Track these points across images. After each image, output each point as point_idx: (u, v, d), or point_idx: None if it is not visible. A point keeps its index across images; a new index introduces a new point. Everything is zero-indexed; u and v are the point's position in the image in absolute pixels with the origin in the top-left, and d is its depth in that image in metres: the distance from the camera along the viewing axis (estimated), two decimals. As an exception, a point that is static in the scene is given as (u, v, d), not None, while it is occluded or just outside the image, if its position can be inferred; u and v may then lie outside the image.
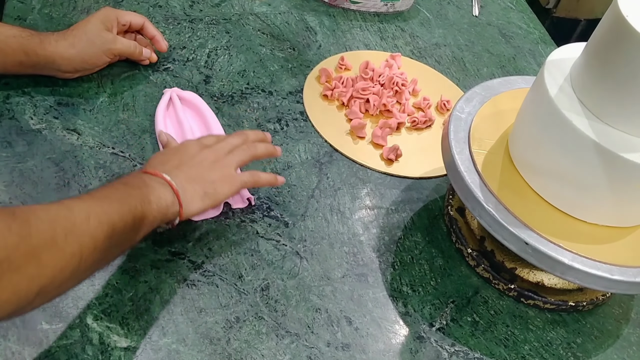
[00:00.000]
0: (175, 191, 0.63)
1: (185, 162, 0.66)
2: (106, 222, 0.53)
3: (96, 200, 0.55)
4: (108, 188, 0.59)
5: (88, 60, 0.80)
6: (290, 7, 1.08)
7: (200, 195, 0.65)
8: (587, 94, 0.63)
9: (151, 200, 0.60)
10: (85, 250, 0.51)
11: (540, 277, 0.73)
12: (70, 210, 0.52)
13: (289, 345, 0.64)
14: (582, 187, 0.64)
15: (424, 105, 0.95)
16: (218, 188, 0.66)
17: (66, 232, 0.49)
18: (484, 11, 1.22)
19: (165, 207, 0.61)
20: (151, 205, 0.59)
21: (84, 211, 0.52)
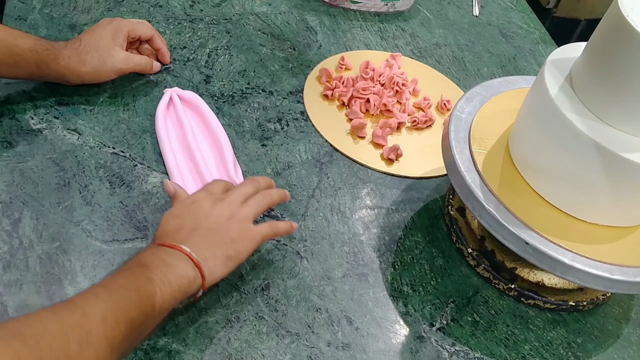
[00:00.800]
0: (197, 264, 0.58)
1: (201, 223, 0.62)
2: (123, 319, 0.50)
3: (112, 296, 0.51)
4: (124, 274, 0.55)
5: (97, 77, 0.81)
6: (291, 7, 1.08)
7: (222, 260, 0.61)
8: (588, 94, 0.63)
9: (172, 281, 0.56)
10: (101, 355, 0.47)
11: (540, 277, 0.74)
12: (85, 315, 0.48)
13: (289, 345, 0.64)
14: (582, 187, 0.65)
15: (425, 105, 0.95)
16: (239, 248, 0.62)
17: (80, 342, 0.46)
18: (484, 11, 1.22)
19: (187, 285, 0.57)
20: (172, 287, 0.56)
21: (100, 313, 0.49)
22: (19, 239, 0.66)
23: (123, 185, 0.74)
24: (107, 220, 0.70)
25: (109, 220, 0.70)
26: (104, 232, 0.69)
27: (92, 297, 0.50)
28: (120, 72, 0.82)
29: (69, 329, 0.46)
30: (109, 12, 0.96)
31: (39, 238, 0.67)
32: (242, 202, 0.66)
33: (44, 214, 0.69)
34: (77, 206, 0.71)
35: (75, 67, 0.78)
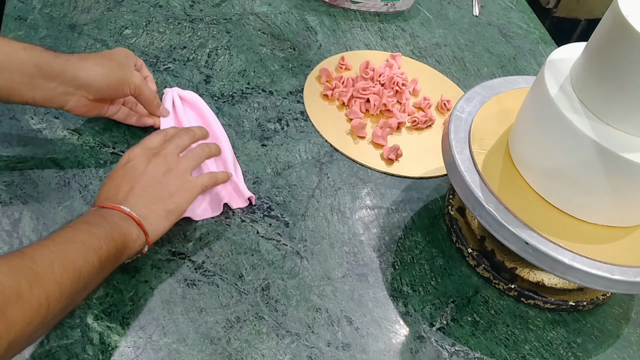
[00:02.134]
0: (138, 222, 0.60)
1: (138, 182, 0.63)
2: (71, 267, 0.52)
3: (59, 246, 0.53)
4: (70, 230, 0.56)
5: (111, 85, 0.70)
6: (291, 7, 1.08)
7: (163, 215, 0.63)
8: (587, 94, 0.63)
9: (115, 238, 0.58)
10: (51, 298, 0.49)
11: (540, 277, 0.74)
12: (33, 260, 0.50)
13: (289, 345, 0.64)
14: (582, 187, 0.65)
15: (425, 105, 0.95)
16: (178, 200, 0.64)
17: (30, 282, 0.48)
18: (484, 11, 1.22)
19: (132, 241, 0.60)
20: (116, 243, 0.57)
21: (47, 259, 0.51)
22: (19, 239, 0.66)
23: (123, 185, 0.74)
24: (107, 220, 0.70)
25: (109, 220, 0.70)
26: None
27: (39, 247, 0.52)
28: (133, 85, 0.72)
29: (18, 270, 0.48)
30: (109, 12, 0.96)
31: (39, 238, 0.67)
32: (177, 154, 0.66)
33: (44, 214, 0.69)
34: (77, 206, 0.71)
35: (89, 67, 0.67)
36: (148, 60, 0.90)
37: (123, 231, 0.59)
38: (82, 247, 0.54)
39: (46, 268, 0.50)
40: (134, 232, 0.60)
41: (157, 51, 0.92)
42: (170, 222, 0.64)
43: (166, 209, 0.63)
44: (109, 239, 0.57)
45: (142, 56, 0.91)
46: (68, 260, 0.52)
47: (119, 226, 0.59)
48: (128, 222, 0.60)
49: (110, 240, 0.57)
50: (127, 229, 0.59)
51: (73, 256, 0.53)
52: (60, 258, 0.52)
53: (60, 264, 0.51)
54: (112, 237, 0.57)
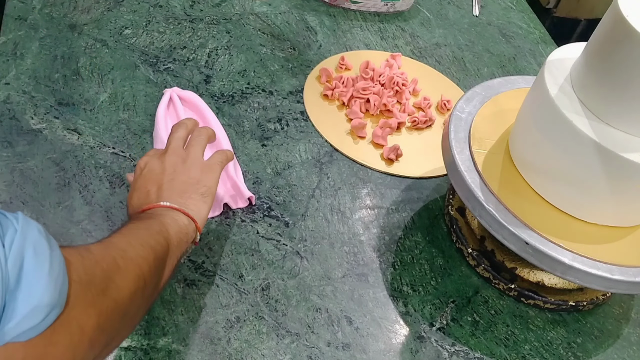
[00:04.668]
0: (182, 211, 0.60)
1: (162, 179, 0.63)
2: (147, 246, 0.53)
3: (125, 234, 0.54)
4: (127, 226, 0.56)
5: None
6: (291, 7, 1.08)
7: (199, 199, 0.63)
8: (587, 94, 0.63)
9: (169, 223, 0.58)
10: (145, 271, 0.51)
11: (540, 277, 0.74)
12: (113, 243, 0.51)
13: (289, 345, 0.64)
14: (582, 187, 0.65)
15: (425, 105, 0.95)
16: (207, 182, 0.65)
17: (122, 257, 0.49)
18: (484, 11, 1.22)
19: (185, 227, 0.60)
20: (172, 227, 0.58)
21: (124, 240, 0.52)
22: (19, 239, 0.66)
23: (123, 185, 0.74)
24: (107, 220, 0.70)
25: (109, 220, 0.70)
26: (104, 232, 0.69)
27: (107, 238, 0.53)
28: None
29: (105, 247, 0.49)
30: (109, 12, 0.96)
31: (39, 238, 0.67)
32: (182, 146, 0.67)
33: (44, 214, 0.69)
34: (77, 206, 0.71)
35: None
36: (148, 60, 0.90)
37: (174, 217, 0.59)
38: (146, 232, 0.55)
39: (127, 246, 0.51)
40: (183, 219, 0.60)
41: (157, 51, 0.92)
42: (208, 204, 0.64)
43: (199, 192, 0.63)
44: (165, 225, 0.57)
45: (142, 56, 0.91)
46: (142, 240, 0.53)
47: (167, 217, 0.59)
48: (173, 212, 0.60)
49: (168, 226, 0.57)
50: (175, 216, 0.60)
51: (144, 238, 0.54)
52: (134, 240, 0.53)
53: (137, 243, 0.52)
54: (167, 224, 0.58)
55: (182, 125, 0.70)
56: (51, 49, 0.88)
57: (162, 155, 0.66)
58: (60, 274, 0.39)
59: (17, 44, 0.87)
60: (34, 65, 0.85)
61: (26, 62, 0.85)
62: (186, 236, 0.60)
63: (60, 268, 0.39)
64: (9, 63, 0.84)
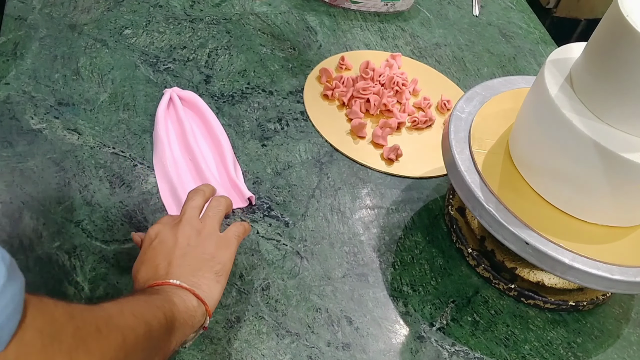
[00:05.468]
0: (192, 291, 0.56)
1: (173, 254, 0.58)
2: (140, 317, 0.49)
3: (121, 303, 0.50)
4: (127, 296, 0.53)
5: None
6: (291, 6, 1.08)
7: (213, 279, 0.58)
8: (587, 94, 0.63)
9: (175, 302, 0.54)
10: (128, 342, 0.46)
11: (540, 277, 0.74)
12: (102, 307, 0.47)
13: (289, 345, 0.64)
14: (582, 187, 0.65)
15: (425, 105, 0.95)
16: (221, 259, 0.60)
17: (106, 322, 0.45)
18: (484, 11, 1.22)
19: (192, 309, 0.55)
20: (177, 306, 0.53)
21: (115, 307, 0.48)
22: (19, 239, 0.66)
23: (123, 185, 0.74)
24: (107, 220, 0.70)
25: (109, 220, 0.70)
26: (104, 232, 0.69)
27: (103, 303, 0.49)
28: None
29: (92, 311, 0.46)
30: (109, 12, 0.96)
31: (39, 238, 0.67)
32: (198, 216, 0.63)
33: (44, 214, 0.69)
34: (77, 206, 0.71)
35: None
36: (148, 60, 0.91)
37: (182, 297, 0.55)
38: (145, 305, 0.51)
39: (117, 313, 0.47)
40: (192, 301, 0.55)
41: (157, 51, 0.92)
42: (222, 284, 0.59)
43: (213, 271, 0.59)
44: (170, 302, 0.53)
45: (142, 56, 0.91)
46: (136, 310, 0.49)
47: (174, 295, 0.54)
48: (182, 292, 0.55)
49: (171, 303, 0.53)
50: (184, 296, 0.55)
51: (140, 309, 0.50)
52: (128, 308, 0.49)
53: (129, 312, 0.48)
54: (172, 301, 0.53)
55: (199, 192, 0.65)
56: (51, 49, 0.88)
57: (176, 226, 0.61)
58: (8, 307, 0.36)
59: (17, 44, 0.87)
60: (34, 65, 0.85)
61: (26, 62, 0.85)
62: (192, 319, 0.55)
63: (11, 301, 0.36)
64: (9, 63, 0.84)
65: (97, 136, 0.79)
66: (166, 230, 0.60)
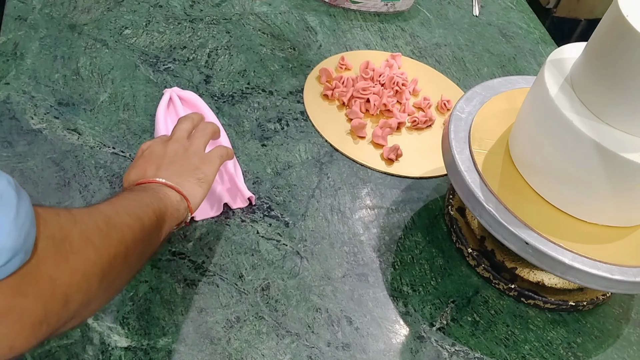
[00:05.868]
0: (175, 188, 0.62)
1: (162, 160, 0.65)
2: (134, 216, 0.53)
3: (114, 204, 0.55)
4: (118, 196, 0.57)
5: None
6: (291, 7, 1.08)
7: (195, 183, 0.64)
8: (587, 94, 0.63)
9: (161, 198, 0.60)
10: (127, 238, 0.51)
11: (540, 277, 0.74)
12: (98, 209, 0.52)
13: (289, 345, 0.64)
14: (582, 187, 0.65)
15: (425, 105, 0.95)
16: (205, 170, 0.66)
17: (105, 222, 0.49)
18: (484, 11, 1.22)
19: (176, 203, 0.61)
20: (163, 202, 0.59)
21: (110, 208, 0.53)
22: (19, 239, 0.66)
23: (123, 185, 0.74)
24: (107, 220, 0.70)
25: (109, 220, 0.70)
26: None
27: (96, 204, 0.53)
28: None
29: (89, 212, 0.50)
30: (109, 12, 0.96)
31: (39, 238, 0.67)
32: (186, 137, 0.69)
33: (44, 214, 0.69)
34: (77, 206, 0.71)
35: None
36: (148, 60, 0.90)
37: (166, 193, 0.61)
38: (135, 203, 0.56)
39: (113, 214, 0.51)
40: (175, 196, 0.61)
41: (157, 51, 0.92)
42: (203, 190, 0.65)
43: (196, 177, 0.65)
44: (155, 198, 0.59)
45: (142, 56, 0.91)
46: (130, 210, 0.54)
47: (160, 192, 0.60)
48: (166, 189, 0.62)
49: (157, 199, 0.59)
50: (168, 192, 0.61)
51: (132, 208, 0.54)
52: (122, 208, 0.53)
53: (123, 212, 0.53)
54: (158, 197, 0.59)
55: (189, 118, 0.72)
56: (51, 49, 0.88)
57: (166, 142, 0.68)
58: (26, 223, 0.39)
59: (17, 44, 0.87)
60: (34, 65, 0.85)
61: (26, 62, 0.85)
62: (177, 212, 0.61)
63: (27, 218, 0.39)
64: (9, 63, 0.84)
65: (97, 136, 0.79)
66: (157, 144, 0.68)
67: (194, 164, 0.66)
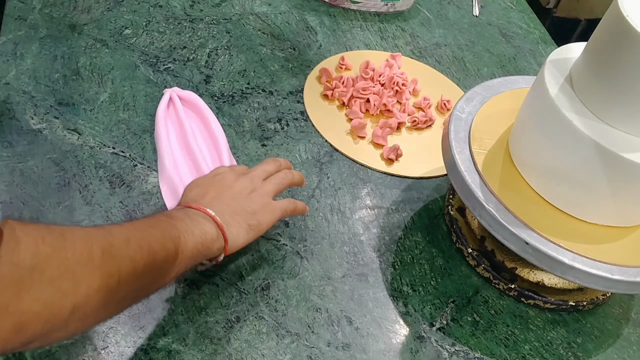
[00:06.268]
0: (220, 226, 0.60)
1: (224, 193, 0.64)
2: (147, 248, 0.51)
3: (137, 228, 0.53)
4: (150, 218, 0.57)
5: None
6: (291, 7, 1.08)
7: (244, 228, 0.62)
8: (587, 94, 0.63)
9: (195, 233, 0.57)
10: (123, 273, 0.48)
11: (540, 277, 0.74)
12: (109, 232, 0.49)
13: (289, 345, 0.64)
14: (582, 187, 0.65)
15: (425, 105, 0.95)
16: (260, 219, 0.64)
17: (103, 251, 0.47)
18: (484, 11, 1.22)
19: (210, 241, 0.59)
20: (195, 238, 0.57)
21: (124, 235, 0.50)
22: (19, 239, 0.66)
23: (123, 185, 0.74)
24: (107, 220, 0.70)
25: (108, 220, 0.70)
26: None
27: (117, 225, 0.53)
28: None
29: (93, 237, 0.47)
30: (109, 12, 0.96)
31: (39, 238, 0.67)
32: (263, 178, 0.68)
33: (44, 214, 0.69)
34: (77, 206, 0.71)
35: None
36: (148, 60, 0.91)
37: (204, 229, 0.59)
38: (160, 233, 0.54)
39: (121, 242, 0.49)
40: (214, 233, 0.59)
41: (157, 51, 0.92)
42: (249, 237, 0.63)
43: (248, 222, 0.63)
44: (189, 233, 0.57)
45: (142, 56, 0.91)
46: (145, 242, 0.51)
47: (201, 224, 0.59)
48: (210, 223, 0.60)
49: (190, 235, 0.57)
50: (208, 229, 0.59)
51: (150, 239, 0.52)
52: (137, 238, 0.51)
53: (136, 242, 0.50)
54: (192, 232, 0.57)
55: (276, 162, 0.71)
56: (51, 49, 0.88)
57: (240, 175, 0.67)
58: None
59: (17, 44, 0.87)
60: (34, 65, 0.85)
61: (26, 62, 0.85)
62: (208, 250, 0.59)
63: None
64: (9, 63, 0.84)
65: (97, 136, 0.79)
66: (231, 173, 0.67)
67: (252, 207, 0.64)
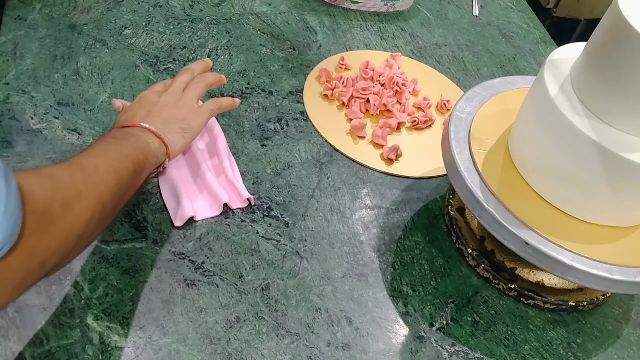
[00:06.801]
0: (158, 135, 0.66)
1: (152, 109, 0.70)
2: (112, 170, 0.58)
3: (96, 155, 0.59)
4: (101, 143, 0.62)
5: None
6: (291, 6, 1.08)
7: (179, 133, 0.69)
8: (587, 94, 0.63)
9: (141, 146, 0.64)
10: (104, 196, 0.55)
11: (540, 277, 0.74)
12: (81, 165, 0.56)
13: (289, 345, 0.64)
14: (582, 187, 0.65)
15: (424, 105, 0.95)
16: (191, 122, 0.71)
17: (85, 182, 0.53)
18: (484, 11, 1.22)
19: (155, 150, 0.65)
20: (142, 150, 0.63)
21: (92, 164, 0.56)
22: (19, 239, 0.66)
23: (123, 185, 0.74)
24: (107, 220, 0.70)
25: (108, 220, 0.70)
26: (104, 232, 0.69)
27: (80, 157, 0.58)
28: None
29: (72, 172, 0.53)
30: (109, 12, 0.96)
31: (39, 238, 0.67)
32: (183, 88, 0.74)
33: (44, 214, 0.69)
34: (77, 206, 0.71)
35: None
36: (148, 60, 0.91)
37: (146, 141, 0.65)
38: (115, 154, 0.60)
39: (93, 171, 0.56)
40: (155, 142, 0.66)
41: (157, 51, 0.92)
42: (185, 140, 0.70)
43: (181, 127, 0.70)
44: (135, 147, 0.63)
45: (142, 56, 0.91)
46: (109, 164, 0.58)
47: (141, 138, 0.65)
48: (148, 134, 0.66)
49: (137, 149, 0.63)
50: (149, 139, 0.65)
51: (111, 161, 0.59)
52: (102, 163, 0.57)
53: (103, 167, 0.57)
54: (138, 146, 0.63)
55: (189, 70, 0.77)
56: (51, 49, 0.88)
57: (161, 93, 0.73)
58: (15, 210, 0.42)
59: (17, 44, 0.87)
60: (33, 65, 0.85)
61: (26, 62, 0.85)
62: (155, 158, 0.66)
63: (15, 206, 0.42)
64: (8, 63, 0.84)
65: (97, 136, 0.79)
66: (153, 93, 0.73)
67: (181, 114, 0.71)
